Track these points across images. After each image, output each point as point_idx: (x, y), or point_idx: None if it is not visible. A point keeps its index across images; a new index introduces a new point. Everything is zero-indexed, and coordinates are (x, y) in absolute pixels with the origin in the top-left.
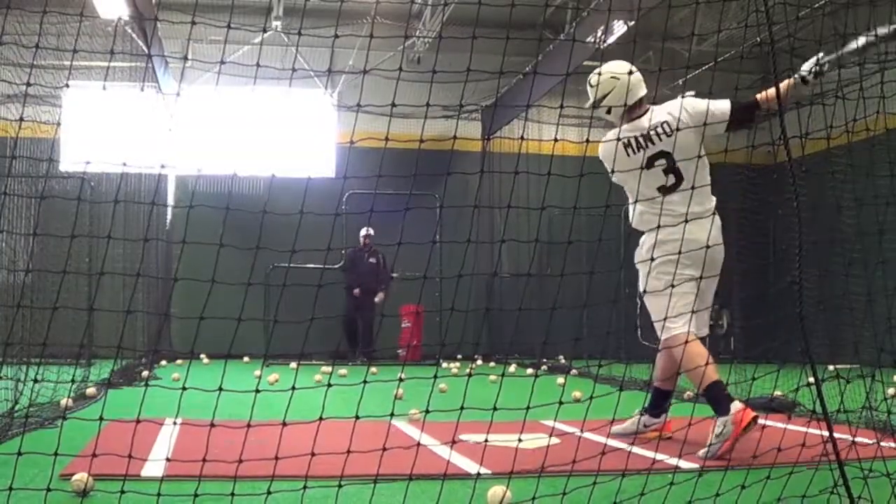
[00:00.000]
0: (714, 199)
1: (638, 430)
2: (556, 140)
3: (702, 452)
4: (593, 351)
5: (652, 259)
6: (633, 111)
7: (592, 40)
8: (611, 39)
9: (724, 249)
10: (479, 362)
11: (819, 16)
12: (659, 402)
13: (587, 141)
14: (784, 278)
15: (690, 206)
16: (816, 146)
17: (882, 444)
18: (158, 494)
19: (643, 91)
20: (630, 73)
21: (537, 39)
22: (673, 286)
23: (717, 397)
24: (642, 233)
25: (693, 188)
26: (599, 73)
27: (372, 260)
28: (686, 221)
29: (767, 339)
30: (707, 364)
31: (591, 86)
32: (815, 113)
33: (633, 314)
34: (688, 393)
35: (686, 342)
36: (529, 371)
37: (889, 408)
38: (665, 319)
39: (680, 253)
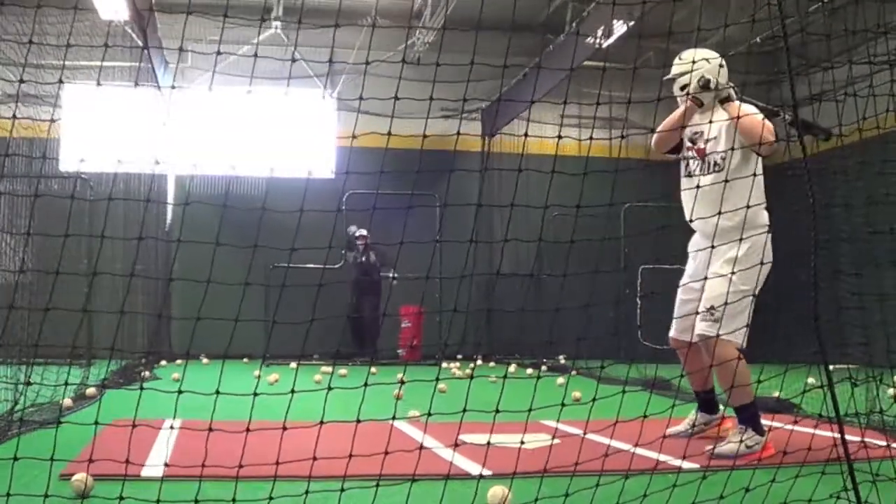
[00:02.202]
0: None
1: (696, 429)
2: (559, 137)
3: (721, 449)
4: (594, 351)
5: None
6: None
7: (593, 40)
8: (611, 39)
9: None
10: (480, 362)
11: (829, 11)
12: (709, 402)
13: (590, 139)
14: (792, 278)
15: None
16: (827, 144)
17: (891, 445)
18: (158, 496)
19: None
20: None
21: (539, 39)
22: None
23: (754, 416)
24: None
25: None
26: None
27: (363, 259)
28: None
29: (774, 340)
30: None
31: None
32: (827, 111)
33: (633, 314)
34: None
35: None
36: (529, 371)
37: (891, 408)
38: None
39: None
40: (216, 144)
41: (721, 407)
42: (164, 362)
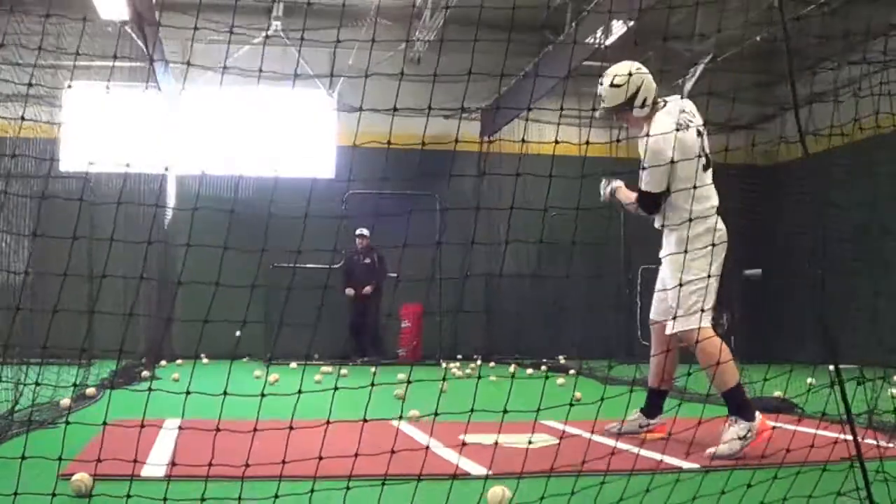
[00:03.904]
0: None
1: (635, 431)
2: (556, 142)
3: (718, 450)
4: (594, 351)
5: (688, 248)
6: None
7: (592, 41)
8: (611, 39)
9: None
10: (479, 362)
11: (826, 14)
12: (655, 404)
13: (587, 143)
14: (786, 278)
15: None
16: (822, 145)
17: (891, 445)
18: (165, 497)
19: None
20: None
21: (537, 41)
22: (710, 275)
23: (741, 402)
24: (658, 231)
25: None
26: (618, 74)
27: (367, 261)
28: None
29: (769, 340)
30: (730, 364)
31: (617, 85)
32: (822, 112)
33: (633, 313)
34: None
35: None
36: (529, 371)
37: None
38: (699, 312)
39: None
40: (216, 145)
41: (661, 415)
42: (164, 362)
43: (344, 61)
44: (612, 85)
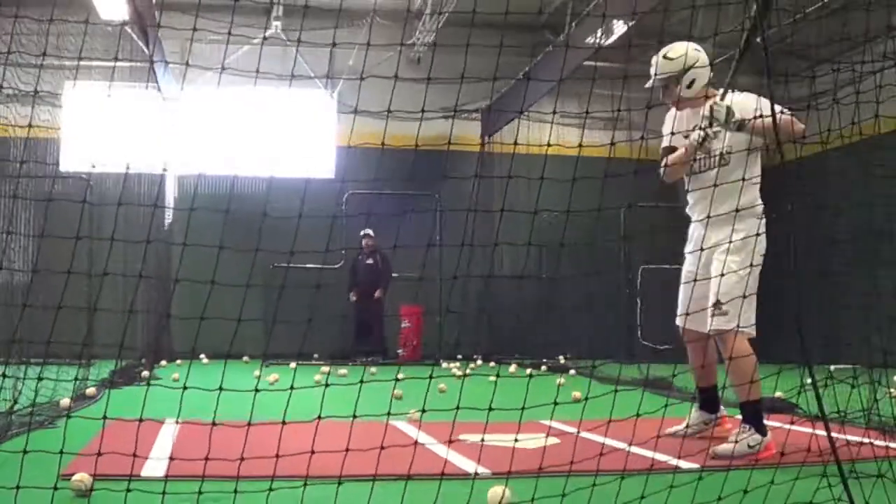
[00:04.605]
0: None
1: (703, 429)
2: (549, 145)
3: (722, 449)
4: (595, 351)
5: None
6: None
7: (592, 40)
8: (610, 39)
9: None
10: (480, 362)
11: (813, 19)
12: (711, 398)
13: (580, 145)
14: (782, 280)
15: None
16: (813, 148)
17: (881, 444)
18: (163, 492)
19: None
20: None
21: (537, 41)
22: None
23: (757, 415)
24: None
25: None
26: (675, 48)
27: (369, 261)
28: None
29: (769, 340)
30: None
31: (672, 58)
32: (813, 116)
33: (633, 314)
34: None
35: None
36: (529, 371)
37: (892, 409)
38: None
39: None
40: (216, 144)
41: (721, 407)
42: (164, 362)
43: (344, 62)
44: (665, 57)
